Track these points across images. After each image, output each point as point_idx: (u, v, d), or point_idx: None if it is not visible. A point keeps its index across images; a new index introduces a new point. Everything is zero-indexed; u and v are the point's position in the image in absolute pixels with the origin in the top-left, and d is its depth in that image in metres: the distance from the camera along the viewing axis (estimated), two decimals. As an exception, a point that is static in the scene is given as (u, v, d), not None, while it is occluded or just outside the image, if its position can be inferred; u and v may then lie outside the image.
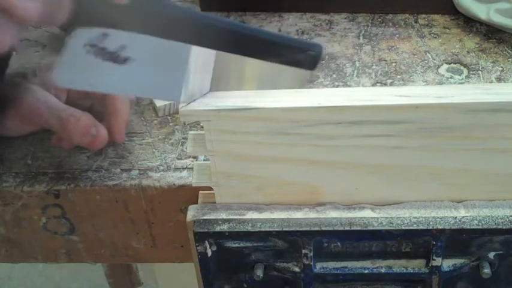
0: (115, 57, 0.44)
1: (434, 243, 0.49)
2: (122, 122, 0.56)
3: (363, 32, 0.72)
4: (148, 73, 0.46)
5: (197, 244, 0.50)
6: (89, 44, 0.43)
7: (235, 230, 0.49)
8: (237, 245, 0.50)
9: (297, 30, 0.73)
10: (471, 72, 0.65)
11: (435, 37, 0.70)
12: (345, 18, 0.75)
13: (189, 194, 0.53)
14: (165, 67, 0.46)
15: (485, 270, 0.50)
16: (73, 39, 0.42)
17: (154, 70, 0.46)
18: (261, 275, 0.51)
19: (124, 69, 0.45)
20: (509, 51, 0.68)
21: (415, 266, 0.51)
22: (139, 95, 0.49)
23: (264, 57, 0.48)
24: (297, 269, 0.51)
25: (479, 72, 0.65)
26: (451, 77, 0.65)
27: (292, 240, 0.50)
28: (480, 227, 0.48)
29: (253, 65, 0.49)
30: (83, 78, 0.46)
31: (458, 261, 0.51)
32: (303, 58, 0.48)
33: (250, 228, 0.49)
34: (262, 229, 0.49)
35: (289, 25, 0.74)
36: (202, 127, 0.47)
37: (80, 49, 0.43)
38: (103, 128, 0.54)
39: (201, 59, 0.47)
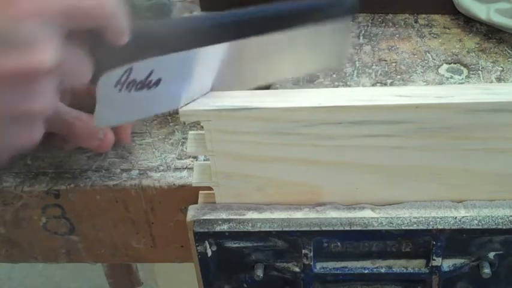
0: (147, 84, 0.44)
1: (434, 243, 0.49)
2: (127, 127, 0.56)
3: (362, 32, 0.72)
4: (179, 85, 0.46)
5: (197, 244, 0.50)
6: (119, 83, 0.43)
7: (235, 230, 0.49)
8: (237, 245, 0.50)
9: (297, 30, 0.73)
10: (471, 72, 0.65)
11: (435, 37, 0.70)
12: (345, 18, 0.75)
13: (189, 194, 0.53)
14: (193, 73, 0.46)
15: (485, 270, 0.50)
16: (101, 86, 0.42)
17: (183, 80, 0.46)
18: (261, 275, 0.51)
19: (158, 90, 0.45)
20: (509, 51, 0.68)
21: (415, 266, 0.51)
22: (173, 108, 0.50)
23: (295, 26, 0.47)
24: (297, 269, 0.51)
25: (479, 72, 0.65)
26: (451, 77, 0.65)
27: (292, 240, 0.50)
28: (480, 227, 0.48)
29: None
30: (124, 114, 0.46)
31: (458, 261, 0.51)
32: (333, 8, 0.47)
33: (250, 228, 0.49)
34: (262, 229, 0.49)
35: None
36: (202, 127, 0.47)
37: (112, 91, 0.43)
38: (110, 131, 0.54)
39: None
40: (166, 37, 0.45)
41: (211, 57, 0.46)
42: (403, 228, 0.48)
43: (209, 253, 0.51)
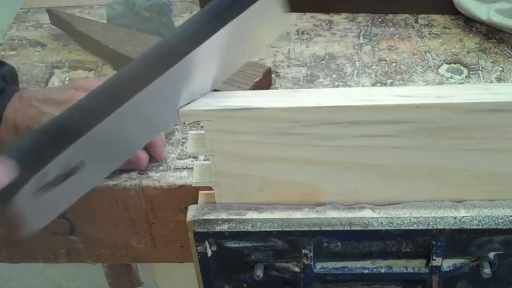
0: (72, 172, 0.43)
1: (434, 243, 0.49)
2: (160, 143, 0.56)
3: (363, 32, 0.72)
4: (107, 152, 0.45)
5: (197, 244, 0.50)
6: (38, 191, 0.41)
7: (235, 230, 0.49)
8: (237, 245, 0.50)
9: (297, 30, 0.73)
10: (471, 72, 0.65)
11: (435, 37, 0.70)
12: (345, 18, 0.75)
13: (189, 194, 0.53)
14: (119, 143, 0.45)
15: (485, 270, 0.50)
16: (17, 206, 0.40)
17: (110, 147, 0.45)
18: (261, 275, 0.51)
19: (87, 169, 0.43)
20: (509, 51, 0.68)
21: (415, 266, 0.51)
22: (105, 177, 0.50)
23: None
24: (297, 269, 0.51)
25: (479, 72, 0.65)
26: (451, 77, 0.65)
27: (292, 240, 0.50)
28: (480, 227, 0.48)
29: None
30: (61, 203, 0.44)
31: (458, 261, 0.51)
32: None
33: (250, 228, 0.49)
34: (262, 229, 0.49)
35: (289, 25, 0.74)
36: (202, 127, 0.47)
37: (33, 200, 0.41)
38: (141, 152, 0.54)
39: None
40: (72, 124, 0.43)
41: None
42: (403, 228, 0.48)
43: (209, 253, 0.51)
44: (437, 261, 0.50)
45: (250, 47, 0.50)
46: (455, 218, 0.48)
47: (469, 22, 0.72)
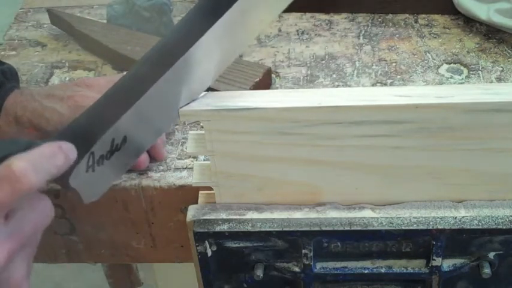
0: (116, 149, 0.45)
1: (434, 243, 0.49)
2: (160, 144, 0.56)
3: (363, 32, 0.72)
4: (148, 129, 0.47)
5: (197, 244, 0.50)
6: (88, 168, 0.44)
7: (235, 230, 0.49)
8: (237, 245, 0.50)
9: (297, 30, 0.73)
10: (471, 72, 0.65)
11: (435, 37, 0.70)
12: (345, 18, 0.75)
13: (189, 194, 0.53)
14: (156, 115, 0.47)
15: (485, 270, 0.50)
16: (74, 183, 0.44)
17: (149, 123, 0.47)
18: (261, 275, 0.51)
19: (128, 144, 0.46)
20: (509, 51, 0.68)
21: (415, 266, 0.51)
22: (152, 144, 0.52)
23: None
24: (297, 269, 0.51)
25: (479, 72, 0.65)
26: (451, 77, 0.65)
27: (292, 240, 0.50)
28: (480, 227, 0.48)
29: None
30: (108, 180, 0.48)
31: (458, 261, 0.51)
32: None
33: (250, 228, 0.49)
34: (262, 229, 0.49)
35: (289, 25, 0.74)
36: (202, 127, 0.47)
37: (85, 177, 0.44)
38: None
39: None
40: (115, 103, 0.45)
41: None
42: (403, 228, 0.48)
43: (209, 253, 0.51)
44: (437, 261, 0.50)
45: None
46: (455, 218, 0.48)
47: (469, 22, 0.72)
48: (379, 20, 0.74)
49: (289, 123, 0.46)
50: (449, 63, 0.67)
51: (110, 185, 0.49)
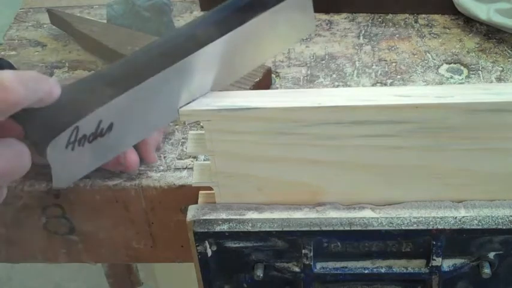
0: (100, 134, 0.45)
1: (434, 243, 0.49)
2: (150, 146, 0.55)
3: (363, 32, 0.72)
4: (137, 121, 0.47)
5: (197, 244, 0.50)
6: (69, 144, 0.44)
7: (235, 230, 0.49)
8: (237, 245, 0.50)
9: (297, 30, 0.73)
10: (471, 72, 0.65)
11: (435, 37, 0.70)
12: (345, 18, 0.75)
13: (189, 194, 0.53)
14: (148, 109, 0.47)
15: (485, 270, 0.50)
16: (51, 153, 0.43)
17: (139, 117, 0.47)
18: (261, 275, 0.51)
19: (114, 133, 0.46)
20: (509, 51, 0.68)
21: (415, 266, 0.51)
22: (136, 143, 0.51)
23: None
24: (297, 269, 0.51)
25: (479, 72, 0.65)
26: (451, 77, 0.65)
27: (292, 240, 0.50)
28: (480, 227, 0.48)
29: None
30: (84, 166, 0.47)
31: (458, 261, 0.51)
32: None
33: (250, 228, 0.49)
34: (262, 229, 0.49)
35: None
36: (202, 127, 0.47)
37: (64, 153, 0.44)
38: (132, 153, 0.53)
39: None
40: (108, 82, 0.45)
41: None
42: (403, 228, 0.48)
43: (209, 253, 0.51)
44: (437, 261, 0.50)
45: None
46: (455, 218, 0.48)
47: (469, 22, 0.72)
48: (379, 20, 0.74)
49: (289, 123, 0.46)
50: (449, 63, 0.67)
51: (83, 175, 0.48)
